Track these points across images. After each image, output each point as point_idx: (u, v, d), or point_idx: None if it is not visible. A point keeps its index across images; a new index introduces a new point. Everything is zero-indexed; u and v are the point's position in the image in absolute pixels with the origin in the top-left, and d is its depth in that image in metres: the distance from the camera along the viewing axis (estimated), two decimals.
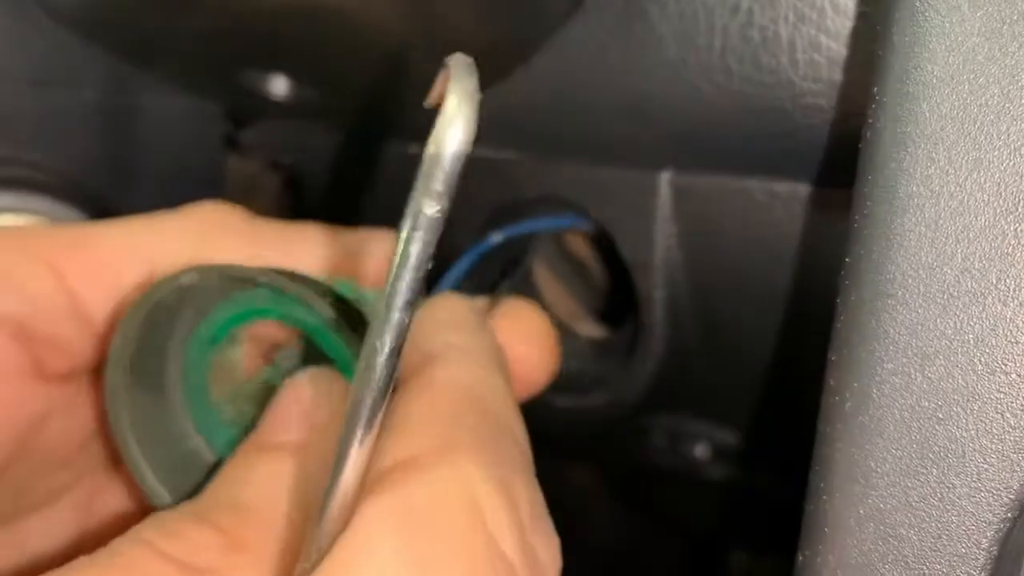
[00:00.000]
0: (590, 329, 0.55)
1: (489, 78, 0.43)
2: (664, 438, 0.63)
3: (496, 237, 0.49)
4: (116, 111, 0.48)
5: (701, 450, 0.62)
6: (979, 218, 0.27)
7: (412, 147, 0.49)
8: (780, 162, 0.39)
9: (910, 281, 0.28)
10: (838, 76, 0.35)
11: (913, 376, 0.28)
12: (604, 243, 0.55)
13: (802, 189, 0.40)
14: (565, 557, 0.43)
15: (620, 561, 0.99)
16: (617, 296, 0.56)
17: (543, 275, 0.55)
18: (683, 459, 0.63)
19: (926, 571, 0.27)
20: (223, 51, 0.43)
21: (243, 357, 0.33)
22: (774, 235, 0.41)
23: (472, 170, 0.48)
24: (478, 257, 0.48)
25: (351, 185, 0.54)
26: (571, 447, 0.76)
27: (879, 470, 0.28)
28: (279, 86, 0.44)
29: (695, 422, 0.60)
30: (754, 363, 0.48)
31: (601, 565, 0.96)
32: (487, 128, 0.45)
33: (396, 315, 0.21)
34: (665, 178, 0.43)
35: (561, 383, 0.52)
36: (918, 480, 0.27)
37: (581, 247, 0.57)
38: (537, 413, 0.50)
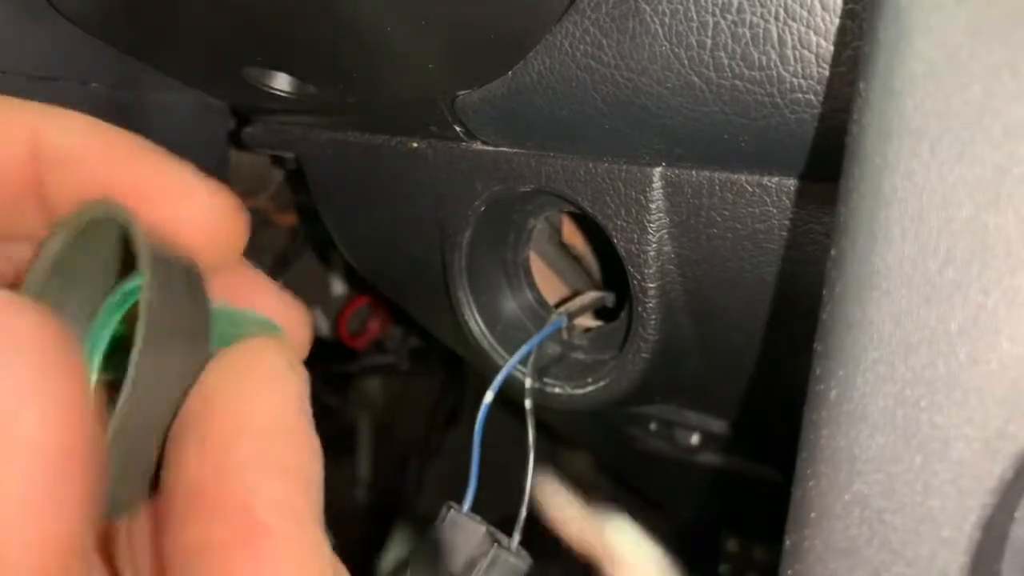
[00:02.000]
0: (585, 320, 0.56)
1: (487, 75, 0.43)
2: (658, 426, 0.64)
3: (562, 320, 0.52)
4: (121, 106, 0.48)
5: (693, 438, 0.63)
6: (961, 211, 0.27)
7: (413, 142, 0.50)
8: (769, 156, 0.40)
9: (894, 273, 0.28)
10: (826, 72, 0.36)
11: (897, 365, 0.28)
12: (599, 236, 0.56)
13: (791, 183, 0.41)
14: (560, 542, 0.44)
15: None
16: (613, 288, 0.57)
17: (539, 267, 0.56)
18: (676, 447, 0.64)
19: (910, 555, 0.28)
20: (228, 48, 0.44)
21: None
22: (764, 228, 0.42)
23: (468, 163, 0.49)
24: (543, 338, 0.51)
25: (353, 179, 0.55)
26: (568, 434, 0.77)
27: (864, 457, 0.29)
28: (283, 82, 0.45)
29: (688, 411, 0.61)
30: (745, 353, 0.48)
31: None
32: (484, 122, 0.46)
33: None
34: (658, 172, 0.43)
35: (557, 372, 0.53)
36: (902, 466, 0.28)
37: (577, 240, 0.58)
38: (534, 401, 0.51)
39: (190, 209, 0.25)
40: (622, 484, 0.95)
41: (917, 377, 0.28)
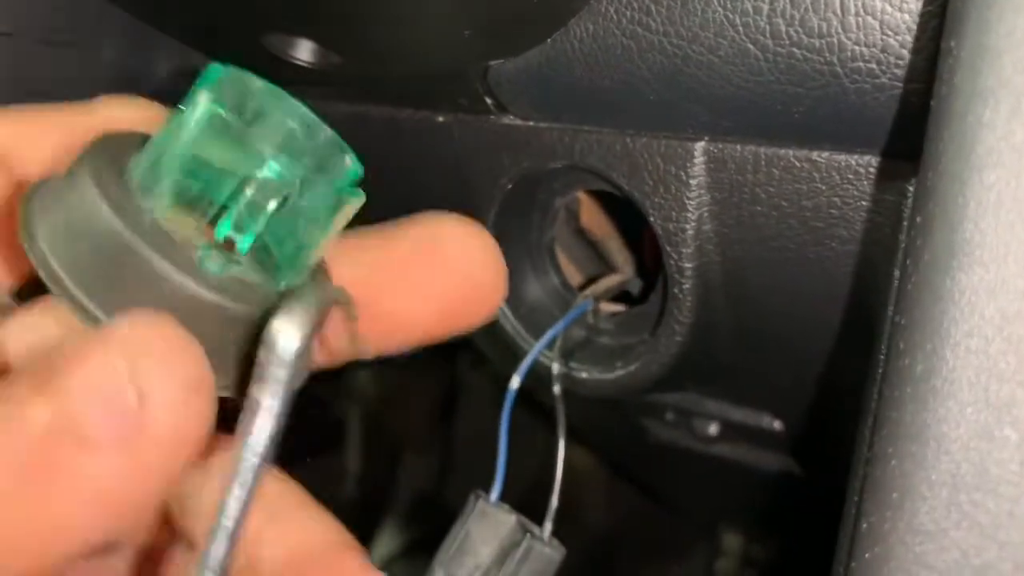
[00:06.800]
0: (607, 304, 0.54)
1: (525, 43, 0.42)
2: (675, 416, 0.62)
3: (588, 303, 0.51)
4: (132, 76, 0.46)
5: (712, 428, 0.62)
6: None
7: (439, 116, 0.48)
8: (823, 129, 0.38)
9: (988, 239, 0.27)
10: (891, 40, 0.34)
11: (991, 337, 0.27)
12: (622, 218, 0.54)
13: (842, 158, 0.39)
14: (561, 535, 0.43)
15: (615, 538, 0.99)
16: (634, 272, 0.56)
17: (560, 253, 0.54)
18: (693, 437, 0.62)
19: (1003, 538, 0.27)
20: (248, 12, 0.42)
21: None
22: (811, 205, 0.41)
23: (497, 138, 0.47)
24: (570, 321, 0.50)
25: (372, 155, 0.53)
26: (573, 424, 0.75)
27: (952, 434, 0.27)
28: (305, 51, 0.42)
29: (709, 400, 0.60)
30: (782, 337, 0.47)
31: (596, 542, 0.95)
32: (517, 94, 0.44)
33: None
34: (700, 146, 0.42)
35: (583, 357, 0.51)
36: (995, 444, 0.27)
37: (594, 225, 0.56)
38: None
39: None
40: (627, 474, 0.93)
41: (1013, 349, 0.27)
